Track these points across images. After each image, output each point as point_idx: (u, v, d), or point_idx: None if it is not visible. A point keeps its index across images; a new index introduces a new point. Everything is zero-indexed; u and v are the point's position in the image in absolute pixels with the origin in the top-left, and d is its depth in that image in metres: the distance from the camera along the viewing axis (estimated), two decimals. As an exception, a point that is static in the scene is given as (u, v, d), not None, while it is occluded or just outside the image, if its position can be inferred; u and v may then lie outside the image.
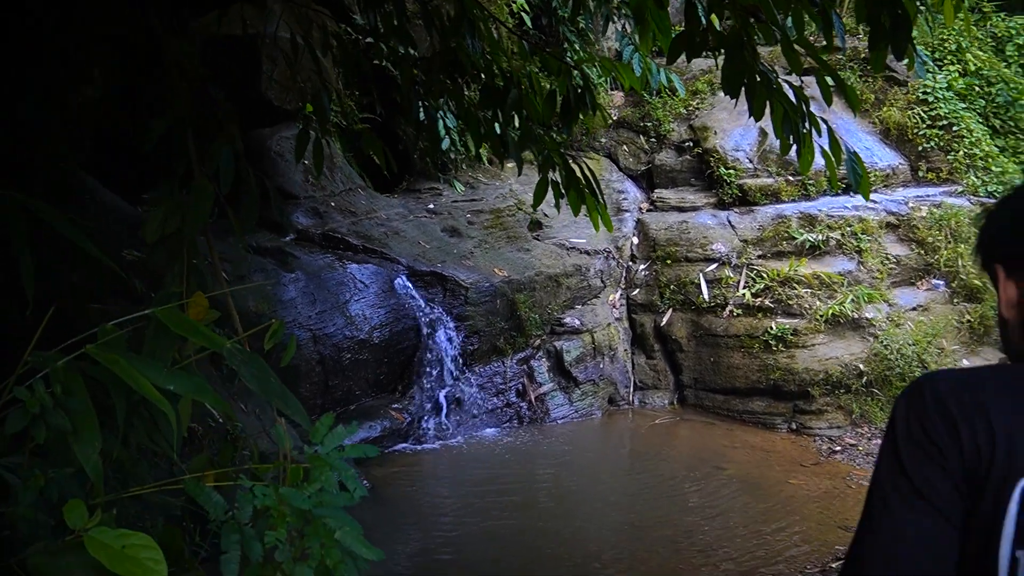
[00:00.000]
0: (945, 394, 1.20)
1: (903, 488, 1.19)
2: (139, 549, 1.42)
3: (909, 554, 1.16)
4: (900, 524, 1.18)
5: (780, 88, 3.66)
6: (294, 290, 6.38)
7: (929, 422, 1.19)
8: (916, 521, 1.17)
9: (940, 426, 1.18)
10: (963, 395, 1.19)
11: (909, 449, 1.20)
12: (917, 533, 1.16)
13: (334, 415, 1.76)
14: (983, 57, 10.27)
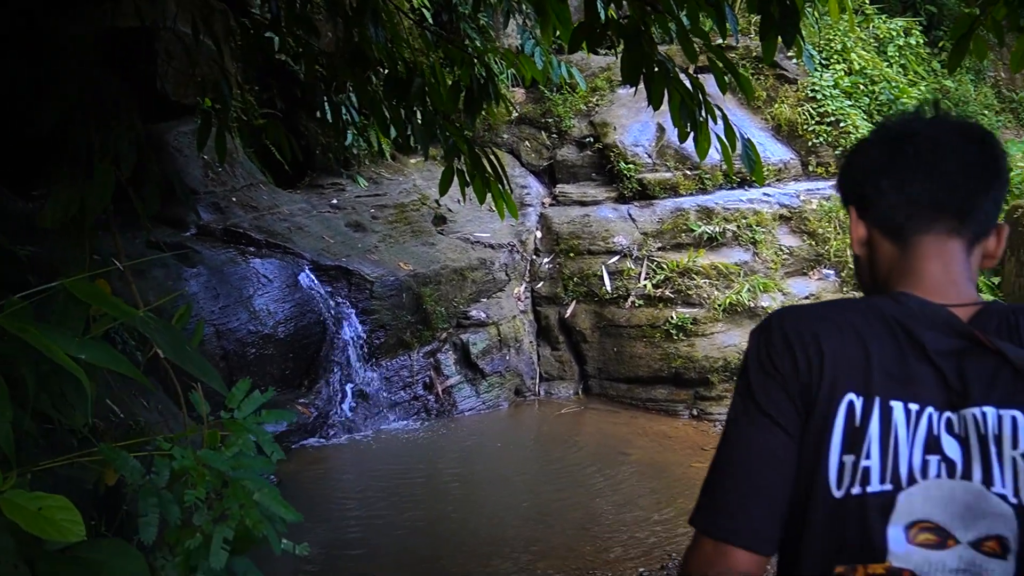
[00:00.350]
0: (788, 327, 1.36)
1: (751, 409, 1.34)
2: (55, 511, 1.42)
3: (755, 462, 1.32)
4: (748, 438, 1.34)
5: (677, 77, 3.79)
6: (196, 285, 6.27)
7: (774, 351, 1.34)
8: (761, 435, 1.32)
9: (782, 353, 1.33)
10: (801, 326, 1.34)
11: (757, 376, 1.35)
12: (762, 445, 1.32)
13: (249, 381, 1.78)
14: (867, 57, 10.73)
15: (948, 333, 1.31)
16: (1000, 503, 1.23)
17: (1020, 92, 13.41)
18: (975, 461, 1.25)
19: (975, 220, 1.39)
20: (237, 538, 1.64)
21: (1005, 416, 1.25)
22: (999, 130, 12.37)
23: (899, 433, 1.27)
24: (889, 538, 1.25)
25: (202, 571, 1.62)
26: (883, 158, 1.44)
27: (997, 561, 1.22)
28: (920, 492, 1.26)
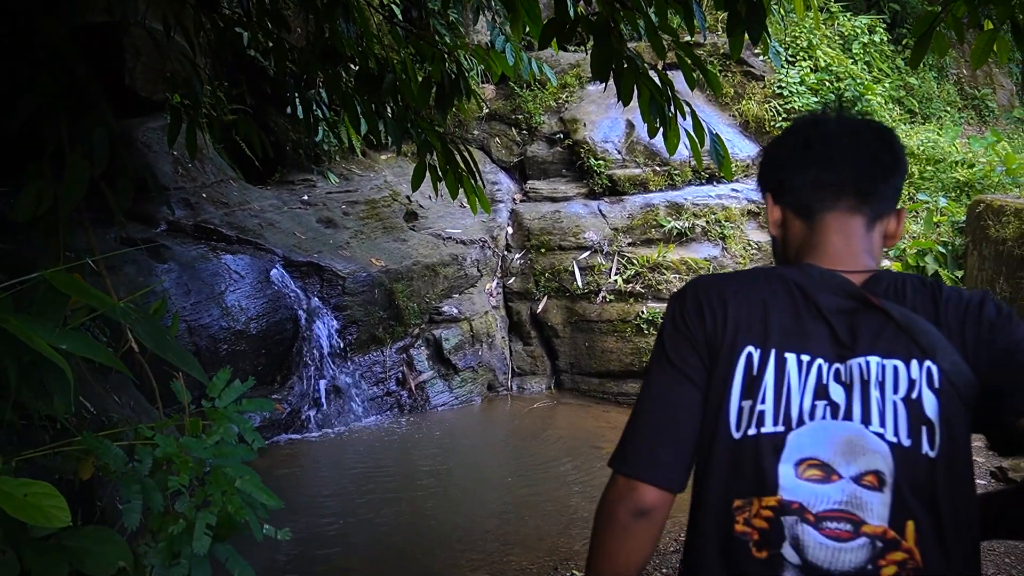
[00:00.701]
0: (700, 291, 1.56)
1: (664, 363, 1.53)
2: (42, 497, 1.44)
3: (664, 410, 1.51)
4: (659, 389, 1.53)
5: (646, 73, 3.84)
6: (167, 281, 6.25)
7: (687, 312, 1.54)
8: (670, 386, 1.51)
9: (693, 314, 1.53)
10: (711, 291, 1.55)
11: (671, 334, 1.55)
12: (671, 394, 1.51)
13: (230, 370, 1.80)
14: (832, 54, 10.88)
15: (841, 294, 1.50)
16: (877, 441, 1.40)
17: (982, 89, 13.64)
18: (856, 403, 1.42)
19: (874, 201, 1.58)
20: (219, 524, 1.67)
21: (887, 365, 1.43)
22: (961, 126, 12.59)
23: (791, 381, 1.45)
24: (780, 474, 1.40)
25: (185, 557, 1.65)
26: (795, 149, 1.63)
27: (875, 493, 1.38)
28: (808, 432, 1.42)
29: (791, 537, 1.39)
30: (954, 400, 1.42)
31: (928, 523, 1.37)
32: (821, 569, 1.37)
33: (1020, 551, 4.77)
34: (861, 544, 1.37)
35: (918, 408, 1.41)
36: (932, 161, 10.43)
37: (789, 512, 1.39)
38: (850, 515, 1.38)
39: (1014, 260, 7.12)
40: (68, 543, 1.55)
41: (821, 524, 1.38)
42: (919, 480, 1.39)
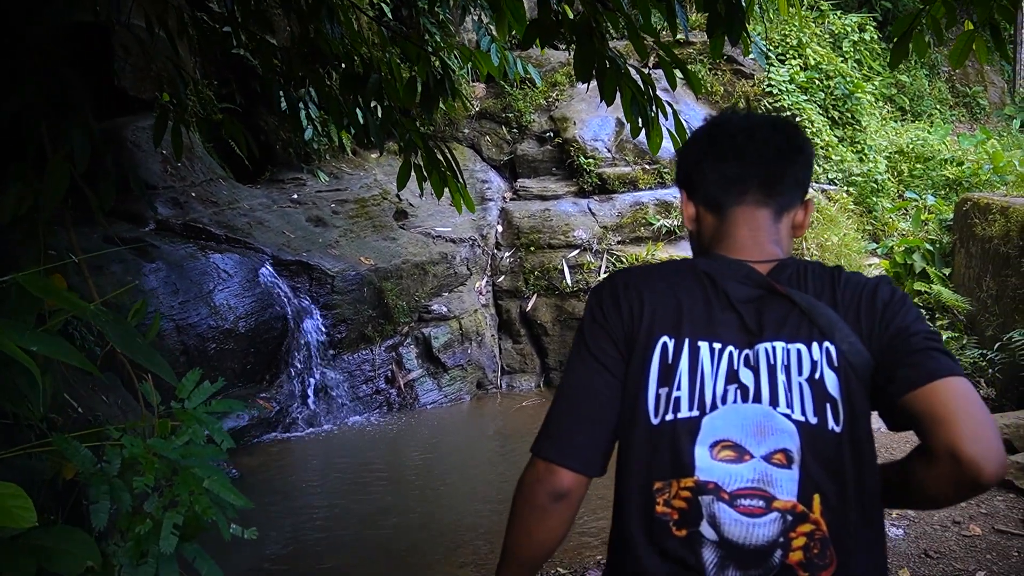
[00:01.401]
0: (618, 286, 1.63)
1: (584, 355, 1.59)
2: (7, 498, 1.45)
3: (582, 398, 1.58)
4: (578, 378, 1.59)
5: (628, 73, 3.87)
6: (155, 280, 6.26)
7: (605, 305, 1.61)
8: (588, 376, 1.58)
9: (611, 307, 1.60)
10: (629, 284, 1.61)
11: (590, 326, 1.61)
12: (588, 384, 1.58)
13: (200, 372, 1.82)
14: (822, 52, 10.91)
15: (748, 283, 1.58)
16: (785, 421, 1.48)
17: (974, 87, 13.67)
18: (764, 386, 1.49)
19: (780, 194, 1.66)
20: (187, 524, 1.69)
21: (792, 349, 1.51)
22: (952, 124, 12.62)
23: (704, 368, 1.52)
24: (696, 456, 1.48)
25: (152, 556, 1.67)
26: (704, 147, 1.71)
27: (784, 470, 1.47)
28: (721, 416, 1.50)
29: (708, 515, 1.46)
30: (853, 378, 1.50)
31: (834, 495, 1.46)
32: (736, 544, 1.45)
33: (1001, 547, 4.80)
34: (773, 519, 1.45)
35: (821, 387, 1.49)
36: (921, 159, 10.48)
37: (705, 492, 1.47)
38: (762, 492, 1.46)
39: (1000, 258, 7.15)
40: (37, 542, 1.57)
41: (735, 502, 1.46)
42: (825, 455, 1.47)
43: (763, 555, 1.45)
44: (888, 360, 1.50)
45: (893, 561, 4.70)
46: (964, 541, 4.91)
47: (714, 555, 1.46)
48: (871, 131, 10.75)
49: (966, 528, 5.04)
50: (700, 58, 10.53)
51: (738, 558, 1.45)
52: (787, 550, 1.44)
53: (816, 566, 1.44)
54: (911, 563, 4.68)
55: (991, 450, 1.36)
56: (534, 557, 1.67)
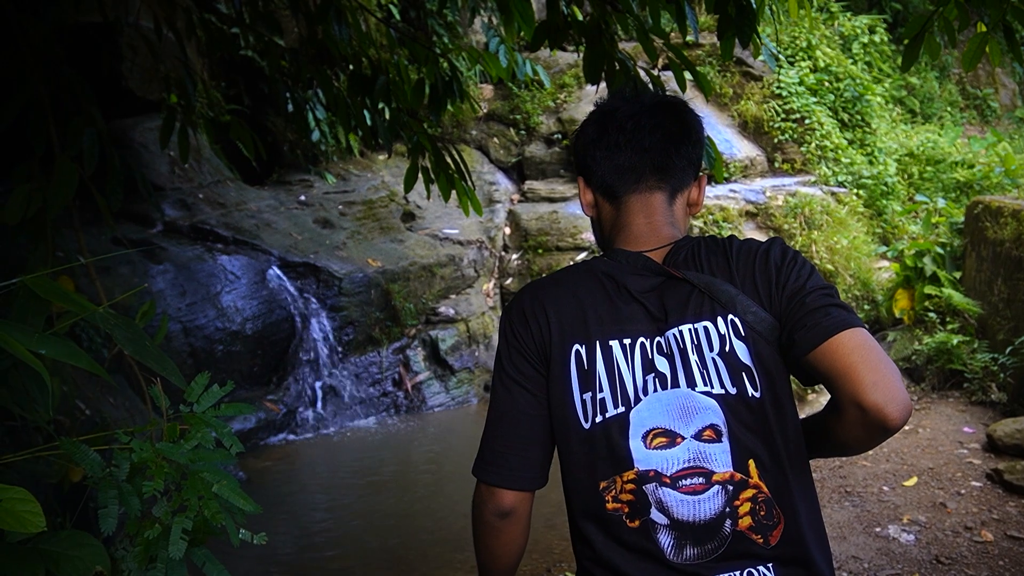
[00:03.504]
0: (523, 303, 1.70)
1: (504, 377, 1.67)
2: (16, 503, 1.43)
3: (508, 420, 1.66)
4: (502, 401, 1.67)
5: (638, 75, 3.85)
6: (163, 282, 6.26)
7: (515, 325, 1.68)
8: (511, 398, 1.65)
9: (520, 327, 1.67)
10: (534, 300, 1.68)
11: (505, 349, 1.69)
12: (512, 405, 1.65)
13: (208, 375, 1.81)
14: (831, 54, 10.88)
15: (647, 275, 1.64)
16: (705, 399, 1.55)
17: (984, 89, 13.62)
18: (679, 370, 1.57)
19: (672, 176, 1.73)
20: (196, 529, 1.68)
21: (698, 328, 1.58)
22: (962, 126, 12.58)
23: (620, 365, 1.59)
24: (632, 449, 1.55)
25: (161, 561, 1.65)
26: (595, 134, 1.75)
27: (715, 445, 1.54)
28: (646, 407, 1.56)
29: (655, 501, 1.53)
30: (762, 344, 1.57)
31: (767, 457, 1.54)
32: (687, 523, 1.52)
33: (1014, 554, 4.77)
34: (715, 492, 1.52)
35: (734, 358, 1.56)
36: (932, 162, 10.43)
37: (648, 480, 1.53)
38: (699, 469, 1.53)
39: (1012, 261, 7.11)
40: (44, 547, 1.55)
41: (677, 483, 1.53)
42: (751, 421, 1.55)
43: (714, 528, 1.52)
44: (788, 322, 1.56)
45: (904, 567, 4.67)
46: (976, 547, 4.88)
47: (670, 538, 1.53)
48: (881, 133, 10.71)
49: (978, 534, 5.01)
50: (709, 60, 10.51)
51: (692, 536, 1.52)
52: (735, 518, 1.52)
53: (766, 527, 1.52)
54: (922, 569, 4.64)
55: (893, 394, 1.42)
56: (501, 569, 1.79)
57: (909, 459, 6.25)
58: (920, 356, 7.74)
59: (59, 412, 3.82)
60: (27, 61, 3.16)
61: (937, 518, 5.26)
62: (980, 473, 5.88)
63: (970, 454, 6.25)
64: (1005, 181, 9.27)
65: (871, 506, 5.48)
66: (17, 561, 1.55)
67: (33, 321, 1.86)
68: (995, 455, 6.12)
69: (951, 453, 6.29)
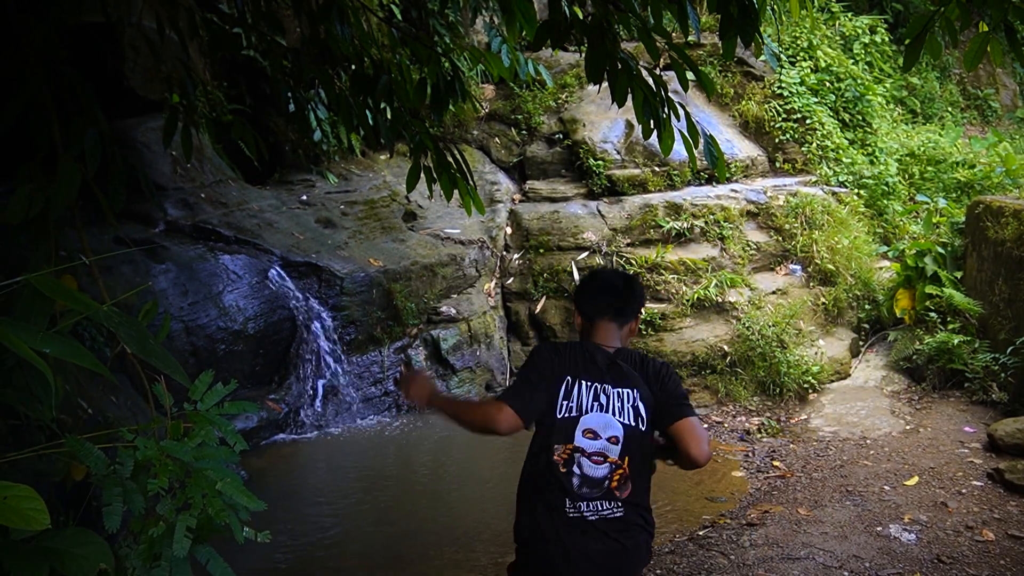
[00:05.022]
0: (550, 347, 3.33)
1: (531, 375, 3.10)
2: (21, 500, 1.44)
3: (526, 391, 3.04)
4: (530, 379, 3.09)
5: (640, 75, 3.84)
6: (165, 281, 6.26)
7: (542, 357, 3.15)
8: (534, 382, 3.06)
9: (544, 360, 3.12)
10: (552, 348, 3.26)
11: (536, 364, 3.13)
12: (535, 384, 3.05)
13: (212, 373, 1.81)
14: (832, 54, 10.86)
15: (604, 357, 3.11)
16: (617, 423, 2.99)
17: (985, 89, 13.61)
18: (609, 406, 3.01)
19: (621, 317, 3.21)
20: (200, 526, 1.68)
21: (621, 391, 3.04)
22: (963, 126, 12.56)
23: (583, 392, 3.03)
24: (576, 435, 2.98)
25: (165, 559, 1.66)
26: (584, 289, 3.31)
27: (614, 446, 2.97)
28: (589, 417, 3.00)
29: (577, 463, 2.96)
30: (648, 407, 3.04)
31: (635, 457, 3.00)
32: (589, 477, 2.95)
33: (1015, 553, 4.77)
34: (606, 467, 2.96)
35: (636, 408, 3.03)
36: (933, 162, 10.42)
37: (577, 451, 2.97)
38: (603, 455, 2.97)
39: (1013, 261, 7.11)
40: (49, 545, 1.56)
41: (590, 457, 2.96)
42: (634, 440, 2.99)
43: (600, 482, 2.95)
44: (661, 405, 3.04)
45: (905, 566, 4.68)
46: (977, 546, 4.88)
47: (578, 481, 2.95)
48: (882, 133, 10.70)
49: (979, 533, 5.01)
50: (710, 60, 10.50)
51: (588, 483, 2.95)
52: (610, 481, 2.96)
53: (623, 488, 2.97)
54: (923, 568, 4.65)
55: (702, 452, 2.90)
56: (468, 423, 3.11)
57: (910, 459, 6.25)
58: (921, 356, 7.74)
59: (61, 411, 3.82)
60: (29, 61, 3.17)
61: (938, 517, 5.27)
62: (981, 472, 5.88)
63: (971, 453, 6.25)
64: (1006, 181, 9.26)
65: (872, 505, 5.49)
66: (22, 559, 1.56)
67: (37, 320, 1.87)
68: (996, 455, 6.13)
69: (952, 453, 6.30)
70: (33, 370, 1.82)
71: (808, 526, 5.26)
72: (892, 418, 7.19)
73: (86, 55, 6.72)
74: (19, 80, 3.15)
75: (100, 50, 7.04)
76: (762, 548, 5.01)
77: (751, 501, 5.84)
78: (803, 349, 8.08)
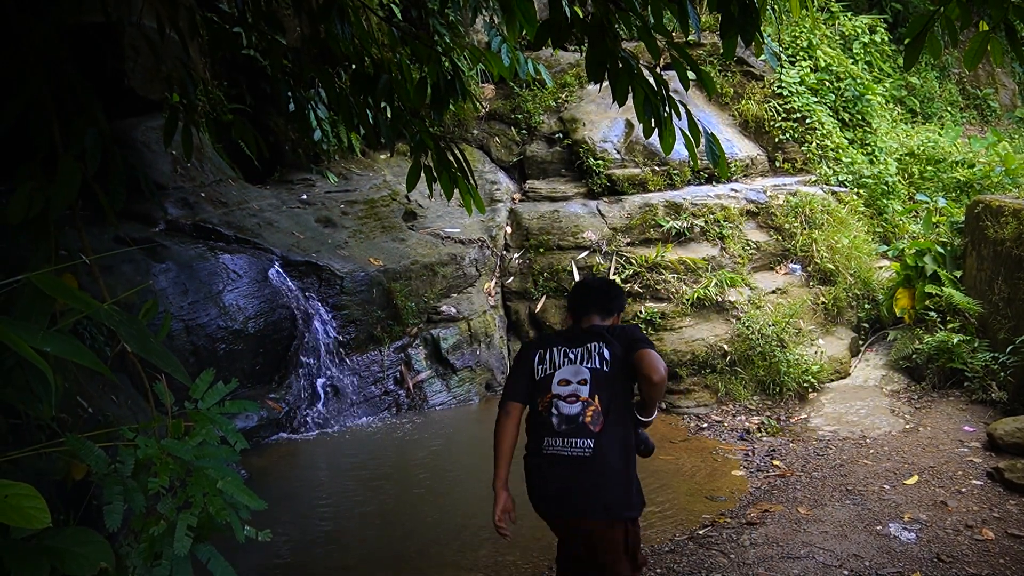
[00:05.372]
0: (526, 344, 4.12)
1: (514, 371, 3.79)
2: (21, 498, 1.44)
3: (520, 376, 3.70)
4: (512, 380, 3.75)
5: (640, 73, 3.84)
6: (165, 280, 6.26)
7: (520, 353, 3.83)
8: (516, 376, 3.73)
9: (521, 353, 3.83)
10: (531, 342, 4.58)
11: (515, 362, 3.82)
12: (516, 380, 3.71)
13: (213, 372, 1.81)
14: (832, 54, 10.86)
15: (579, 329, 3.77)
16: (585, 369, 3.56)
17: (984, 89, 13.61)
18: (578, 358, 3.60)
19: (605, 312, 3.81)
20: (201, 525, 1.68)
21: (590, 345, 3.63)
22: (962, 125, 12.56)
23: (556, 355, 3.64)
24: (553, 385, 3.56)
25: (166, 557, 1.66)
26: (573, 293, 4.05)
27: (584, 386, 3.51)
28: (562, 371, 3.58)
29: (555, 406, 3.51)
30: (614, 353, 3.57)
31: (604, 396, 3.50)
32: (565, 415, 3.48)
33: (1014, 552, 4.77)
34: (579, 405, 3.48)
35: (601, 355, 3.58)
36: (932, 161, 10.42)
37: (555, 397, 3.53)
38: (575, 395, 3.50)
39: (1012, 261, 7.11)
40: (50, 544, 1.56)
41: (565, 399, 3.51)
42: (601, 380, 3.53)
43: (574, 418, 3.46)
44: (625, 349, 3.56)
45: (905, 565, 4.68)
46: (977, 545, 4.88)
47: (556, 420, 3.49)
48: (881, 133, 10.70)
49: (979, 532, 5.02)
50: (710, 59, 10.51)
51: (566, 421, 3.47)
52: (584, 417, 3.46)
53: (596, 423, 3.45)
54: (923, 567, 4.65)
55: (655, 370, 3.38)
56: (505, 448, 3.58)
57: (910, 458, 6.25)
58: (921, 355, 7.74)
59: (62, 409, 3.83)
60: (29, 61, 3.16)
61: (938, 516, 5.27)
62: (981, 472, 5.88)
63: (971, 453, 6.25)
64: (1005, 180, 9.26)
65: (872, 504, 5.49)
66: (22, 557, 1.56)
67: (37, 319, 1.87)
68: (996, 454, 6.13)
69: (952, 452, 6.30)
70: (33, 369, 1.82)
71: (808, 525, 5.26)
72: (892, 417, 7.19)
73: (86, 55, 6.72)
74: (19, 80, 3.15)
75: (100, 50, 7.04)
76: (762, 547, 5.01)
77: (751, 500, 5.84)
78: (803, 348, 8.08)
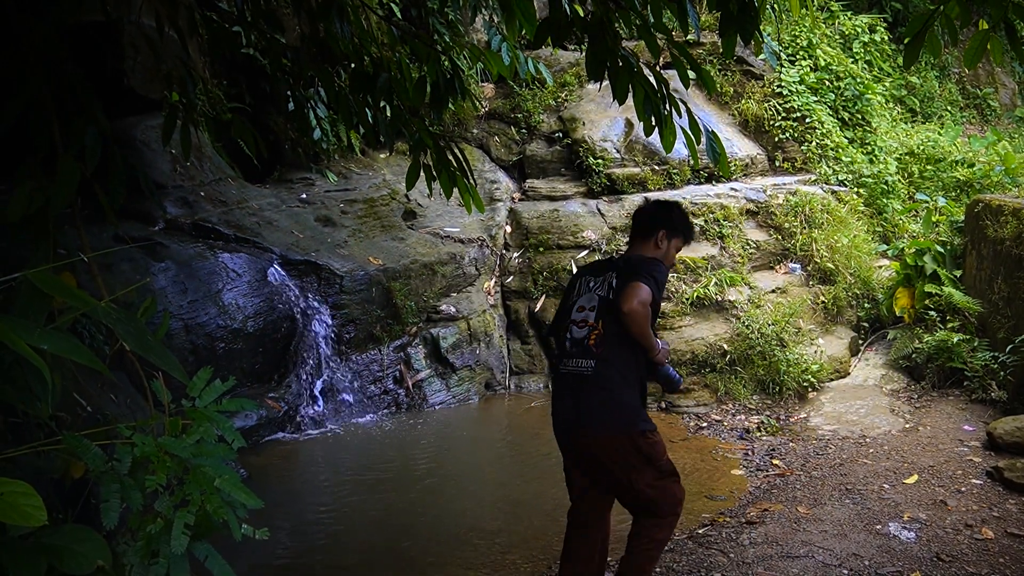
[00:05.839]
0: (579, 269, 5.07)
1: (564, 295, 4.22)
2: (18, 496, 1.44)
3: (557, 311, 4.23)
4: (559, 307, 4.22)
5: (641, 72, 3.83)
6: (164, 279, 6.26)
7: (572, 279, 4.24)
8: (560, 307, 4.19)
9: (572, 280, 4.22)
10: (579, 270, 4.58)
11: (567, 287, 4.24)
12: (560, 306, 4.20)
13: (211, 370, 1.80)
14: (832, 53, 10.85)
15: (611, 259, 4.20)
16: (595, 294, 3.94)
17: (984, 88, 13.60)
18: (592, 286, 3.99)
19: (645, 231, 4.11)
20: (198, 523, 1.68)
21: (607, 273, 3.96)
22: (962, 125, 12.56)
23: (582, 284, 4.04)
24: (572, 312, 3.98)
25: (163, 555, 1.65)
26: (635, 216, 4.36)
27: (592, 312, 3.89)
28: (581, 299, 3.98)
29: (570, 330, 3.94)
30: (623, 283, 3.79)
31: (607, 320, 3.82)
32: (575, 339, 3.89)
33: (1014, 551, 4.77)
34: (586, 328, 3.87)
35: (610, 283, 3.89)
36: (932, 160, 10.42)
37: (572, 323, 3.94)
38: (585, 321, 3.89)
39: (1012, 260, 7.11)
40: (47, 542, 1.56)
41: (577, 324, 3.91)
42: (605, 307, 3.85)
43: (581, 341, 3.85)
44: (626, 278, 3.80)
45: (905, 565, 4.68)
46: (977, 544, 4.88)
47: (569, 343, 3.90)
48: (881, 132, 10.70)
49: (978, 531, 5.01)
50: (710, 59, 10.51)
51: (575, 344, 3.87)
52: (588, 339, 3.83)
53: (599, 345, 3.80)
54: (923, 566, 4.65)
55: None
56: None
57: (910, 457, 6.25)
58: (920, 354, 7.74)
59: (59, 408, 3.82)
60: (29, 60, 3.16)
61: (938, 516, 5.27)
62: (980, 471, 5.88)
63: (970, 452, 6.25)
64: (1005, 180, 9.26)
65: (872, 504, 5.48)
66: (19, 555, 1.56)
67: (35, 317, 1.87)
68: (995, 453, 6.13)
69: (951, 451, 6.30)
70: (31, 367, 1.81)
71: (807, 524, 5.26)
72: (891, 416, 7.19)
73: (86, 54, 6.72)
74: (19, 80, 3.14)
75: (100, 49, 7.03)
76: (761, 546, 5.01)
77: (750, 499, 5.84)
78: (803, 348, 8.08)
